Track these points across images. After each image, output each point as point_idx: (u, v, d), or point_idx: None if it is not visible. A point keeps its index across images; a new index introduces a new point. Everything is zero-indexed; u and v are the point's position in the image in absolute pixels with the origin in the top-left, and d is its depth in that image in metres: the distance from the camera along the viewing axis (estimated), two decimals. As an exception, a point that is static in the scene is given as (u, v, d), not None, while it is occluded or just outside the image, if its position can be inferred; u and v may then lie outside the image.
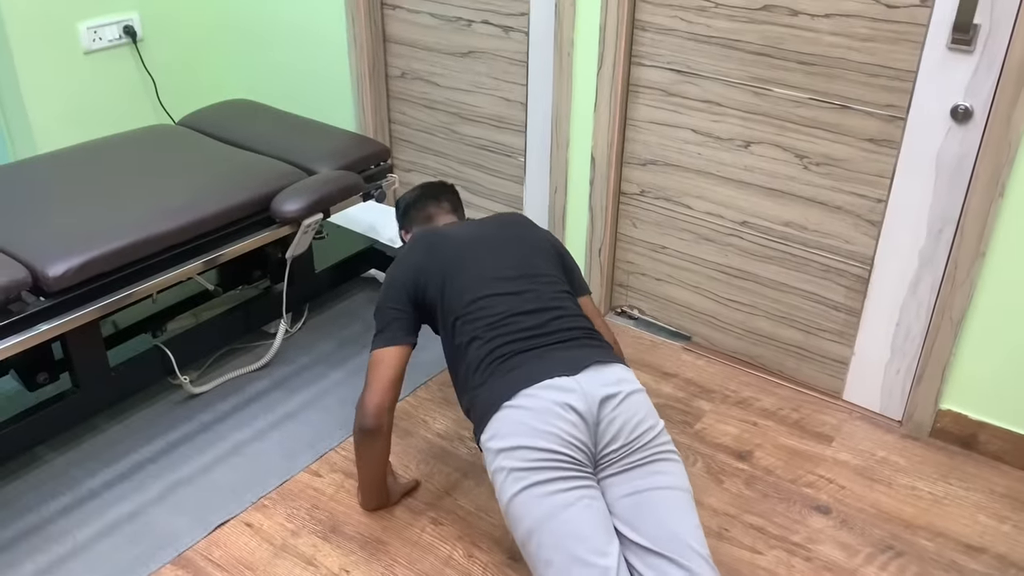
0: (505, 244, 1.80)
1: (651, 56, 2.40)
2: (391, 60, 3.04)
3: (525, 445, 1.54)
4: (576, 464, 1.55)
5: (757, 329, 2.52)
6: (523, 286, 1.72)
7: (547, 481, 1.52)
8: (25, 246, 1.94)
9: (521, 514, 1.53)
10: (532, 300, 1.69)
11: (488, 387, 1.63)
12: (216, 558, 1.91)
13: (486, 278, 1.73)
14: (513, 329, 1.65)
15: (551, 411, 1.55)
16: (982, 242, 2.01)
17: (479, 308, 1.69)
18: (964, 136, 1.98)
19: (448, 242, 1.80)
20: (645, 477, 1.56)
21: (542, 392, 1.57)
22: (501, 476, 1.57)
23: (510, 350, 1.64)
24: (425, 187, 2.10)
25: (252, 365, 2.49)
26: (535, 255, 1.80)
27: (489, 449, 1.61)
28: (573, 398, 1.57)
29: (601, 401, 1.58)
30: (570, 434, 1.54)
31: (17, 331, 1.85)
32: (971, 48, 1.91)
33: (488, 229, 1.84)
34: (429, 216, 2.03)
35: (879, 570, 1.90)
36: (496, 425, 1.59)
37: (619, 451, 1.58)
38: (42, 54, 2.90)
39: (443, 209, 2.05)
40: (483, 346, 1.66)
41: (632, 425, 1.59)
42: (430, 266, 1.78)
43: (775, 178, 2.31)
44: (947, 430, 2.25)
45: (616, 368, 1.65)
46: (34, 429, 2.02)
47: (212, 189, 2.21)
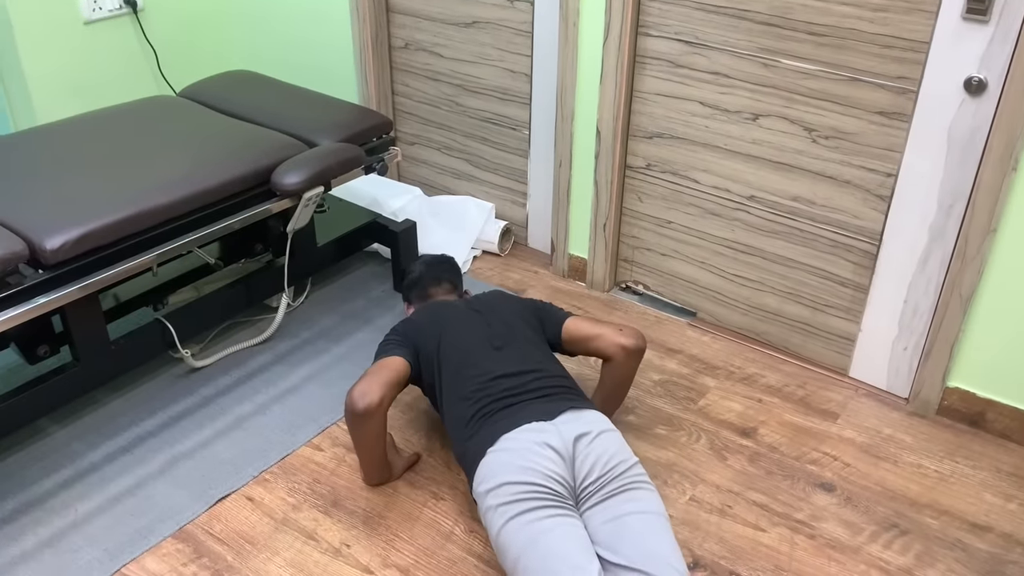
0: (491, 317, 2.02)
1: (658, 26, 2.36)
2: (394, 31, 3.00)
3: (508, 481, 1.66)
4: (556, 495, 1.65)
5: (763, 305, 2.49)
6: (507, 353, 1.91)
7: (529, 511, 1.62)
8: (23, 218, 1.92)
9: (508, 543, 1.63)
10: (514, 363, 1.88)
11: (476, 438, 1.78)
12: (217, 532, 1.90)
13: (476, 345, 1.93)
14: (498, 389, 1.83)
15: (530, 450, 1.69)
16: (993, 217, 1.97)
17: (469, 370, 1.88)
18: (977, 109, 1.94)
19: (445, 313, 2.04)
20: (622, 504, 1.66)
21: (521, 435, 1.72)
22: (490, 514, 1.68)
23: (495, 407, 1.80)
24: (429, 267, 2.29)
25: (254, 339, 2.48)
26: (516, 323, 2.01)
27: (479, 494, 1.72)
28: (549, 437, 1.71)
29: (575, 439, 1.72)
30: (549, 469, 1.67)
31: (15, 304, 1.84)
32: (986, 18, 1.86)
33: (477, 305, 2.07)
34: (430, 296, 2.24)
35: (883, 548, 1.89)
36: (483, 470, 1.72)
37: (596, 483, 1.69)
38: (41, 24, 2.87)
39: (443, 290, 2.26)
40: (471, 405, 1.83)
41: (606, 458, 1.71)
42: (430, 326, 2.00)
43: (783, 152, 2.27)
44: (954, 408, 2.22)
45: (590, 412, 1.80)
46: (35, 402, 2.01)
47: (212, 161, 2.19)
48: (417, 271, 2.29)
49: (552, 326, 2.07)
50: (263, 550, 1.86)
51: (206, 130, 2.35)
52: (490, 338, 1.95)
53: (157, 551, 1.86)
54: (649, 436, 2.18)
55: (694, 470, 2.08)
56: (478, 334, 1.96)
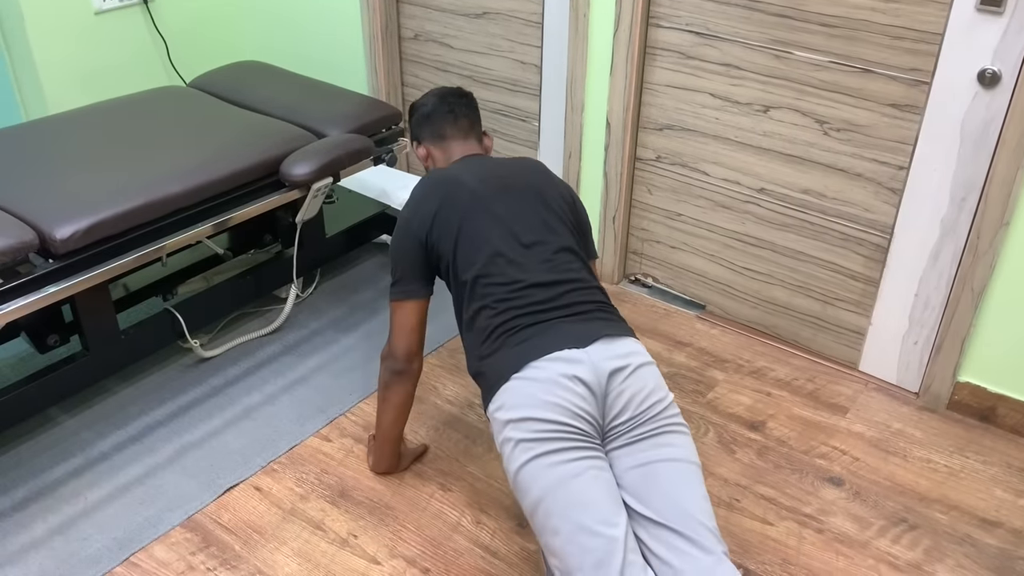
0: (522, 202, 1.73)
1: (669, 17, 2.34)
2: (404, 21, 2.99)
3: (533, 416, 1.53)
4: (584, 436, 1.54)
5: (773, 298, 2.48)
6: (538, 254, 1.68)
7: (555, 451, 1.51)
8: (33, 208, 1.93)
9: (528, 484, 1.52)
10: (546, 271, 1.66)
11: (497, 357, 1.61)
12: (225, 521, 1.91)
13: (501, 241, 1.68)
14: (526, 301, 1.63)
15: (559, 383, 1.54)
16: (1007, 211, 1.95)
17: (492, 275, 1.66)
18: (991, 101, 1.92)
19: (464, 193, 1.73)
20: (653, 449, 1.55)
21: (550, 364, 1.56)
22: (509, 447, 1.56)
23: (521, 322, 1.62)
24: (442, 98, 1.93)
25: (263, 329, 2.48)
26: (552, 217, 1.74)
27: (497, 420, 1.59)
28: (581, 370, 1.55)
29: (610, 374, 1.57)
30: (578, 406, 1.53)
31: (25, 293, 1.85)
32: (1001, 10, 1.84)
33: (506, 180, 1.76)
34: (443, 135, 1.91)
35: (891, 543, 1.88)
36: (504, 396, 1.58)
37: (627, 423, 1.57)
38: (52, 14, 2.87)
39: (459, 130, 1.91)
40: (494, 316, 1.64)
41: (641, 398, 1.57)
42: (444, 220, 1.72)
43: (794, 144, 2.26)
44: (965, 403, 2.21)
45: (626, 341, 1.63)
46: (45, 391, 2.02)
47: (221, 152, 2.19)
48: (429, 104, 1.94)
49: (586, 252, 1.83)
50: (271, 540, 1.87)
51: (215, 120, 2.36)
52: (520, 230, 1.69)
53: (166, 540, 1.87)
54: (657, 429, 2.18)
55: (702, 463, 2.07)
56: (506, 223, 1.70)
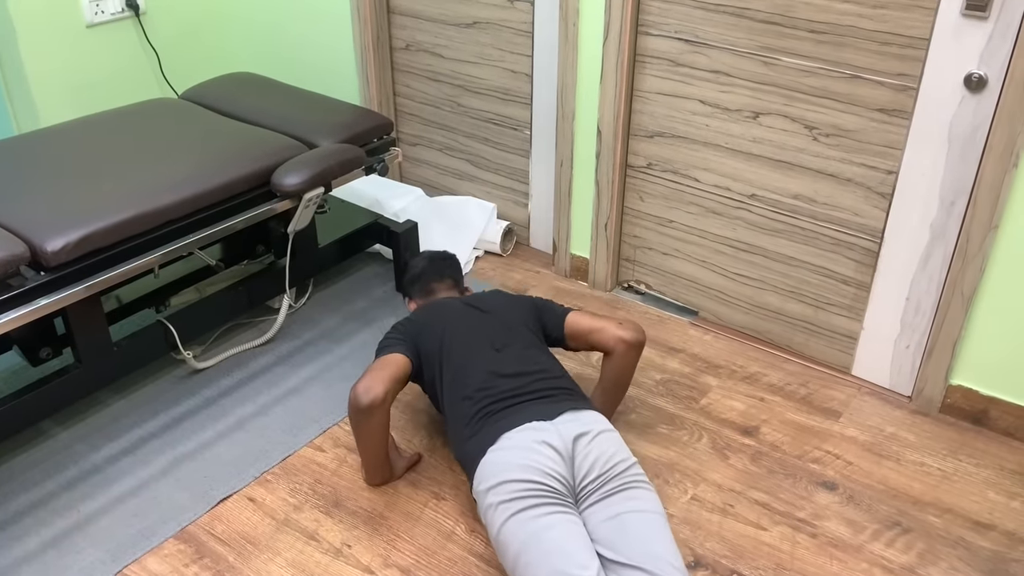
0: (493, 319, 2.02)
1: (658, 25, 2.36)
2: (395, 32, 3.00)
3: (509, 479, 1.67)
4: (556, 493, 1.66)
5: (765, 304, 2.49)
6: (508, 354, 1.92)
7: (530, 508, 1.63)
8: (24, 220, 1.93)
9: (508, 541, 1.63)
10: (515, 364, 1.89)
11: (476, 438, 1.79)
12: (218, 532, 1.91)
13: (478, 346, 1.93)
14: (499, 390, 1.83)
15: (530, 448, 1.70)
16: (995, 214, 1.96)
17: (471, 372, 1.88)
18: (978, 105, 1.93)
19: (446, 312, 2.04)
20: (622, 502, 1.67)
21: (521, 434, 1.73)
22: (491, 512, 1.68)
23: (496, 407, 1.81)
24: (431, 263, 2.27)
25: (256, 340, 2.48)
26: (518, 326, 2.02)
27: (479, 493, 1.73)
28: (549, 436, 1.72)
29: (575, 438, 1.73)
30: (549, 467, 1.68)
31: (17, 306, 1.84)
32: (986, 14, 1.85)
33: (478, 305, 2.07)
34: (431, 292, 2.23)
35: (885, 546, 1.88)
36: (483, 469, 1.73)
37: (596, 481, 1.70)
38: (44, 27, 2.88)
39: (445, 286, 2.24)
40: (472, 405, 1.84)
41: (605, 458, 1.72)
42: (431, 325, 2.00)
43: (784, 150, 2.27)
44: (957, 406, 2.22)
45: (589, 413, 1.81)
46: (38, 404, 2.01)
47: (213, 163, 2.19)
48: (419, 267, 2.28)
49: (554, 322, 2.08)
50: (264, 551, 1.87)
51: (207, 132, 2.36)
52: (491, 339, 1.96)
53: (159, 552, 1.86)
54: (651, 435, 2.18)
55: (696, 469, 2.08)
56: (479, 334, 1.97)
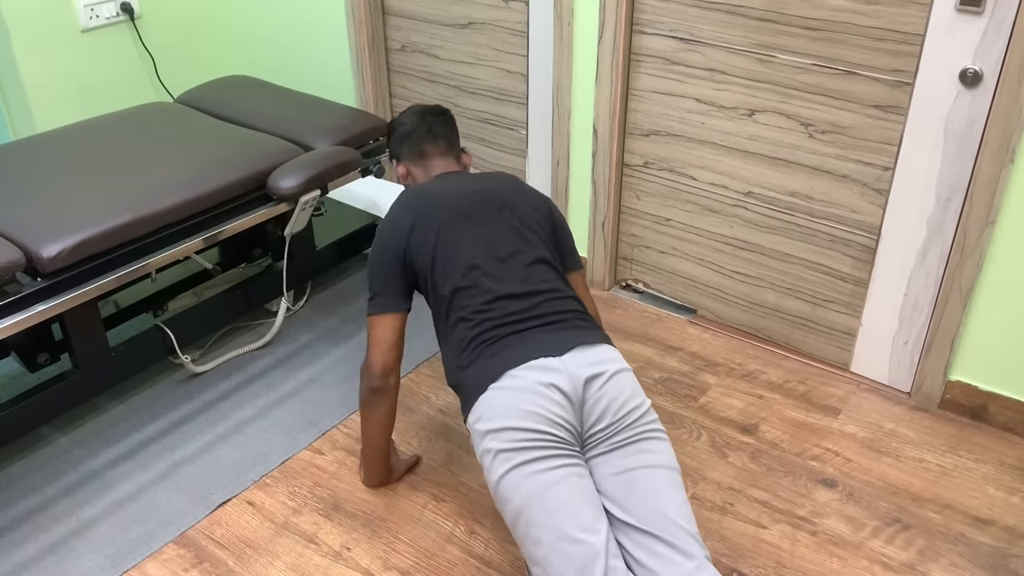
0: (498, 216, 1.76)
1: (653, 24, 2.35)
2: (390, 33, 3.00)
3: (511, 426, 1.54)
4: (563, 443, 1.55)
5: (763, 301, 2.48)
6: (513, 266, 1.70)
7: (534, 460, 1.52)
8: (20, 226, 1.93)
9: (509, 494, 1.53)
10: (521, 282, 1.68)
11: (475, 368, 1.63)
12: (218, 536, 1.91)
13: (477, 255, 1.71)
14: (501, 312, 1.65)
15: (536, 391, 1.55)
16: (992, 210, 1.96)
17: (468, 287, 1.69)
18: (973, 101, 1.93)
19: (441, 208, 1.76)
20: (632, 456, 1.56)
21: (527, 373, 1.57)
22: (489, 458, 1.57)
23: (497, 333, 1.64)
24: (421, 117, 1.96)
25: (254, 343, 2.48)
26: (528, 230, 1.77)
27: (476, 431, 1.60)
28: (558, 378, 1.57)
29: (586, 381, 1.58)
30: (556, 414, 1.54)
31: (13, 312, 1.84)
32: (980, 9, 1.85)
33: (482, 195, 1.78)
34: (423, 153, 1.94)
35: (885, 543, 1.88)
36: (482, 407, 1.59)
37: (605, 430, 1.58)
38: (39, 32, 2.88)
39: (438, 147, 1.94)
40: (472, 328, 1.66)
41: (618, 404, 1.59)
42: (421, 234, 1.75)
43: (780, 147, 2.27)
44: (956, 401, 2.21)
45: (602, 348, 1.64)
46: (36, 410, 2.01)
47: (209, 167, 2.19)
48: (408, 123, 1.96)
49: (565, 258, 1.87)
50: (264, 554, 1.86)
51: (203, 136, 2.36)
52: (494, 243, 1.72)
53: (159, 557, 1.86)
54: (650, 434, 2.18)
55: (695, 467, 2.08)
56: (481, 237, 1.72)
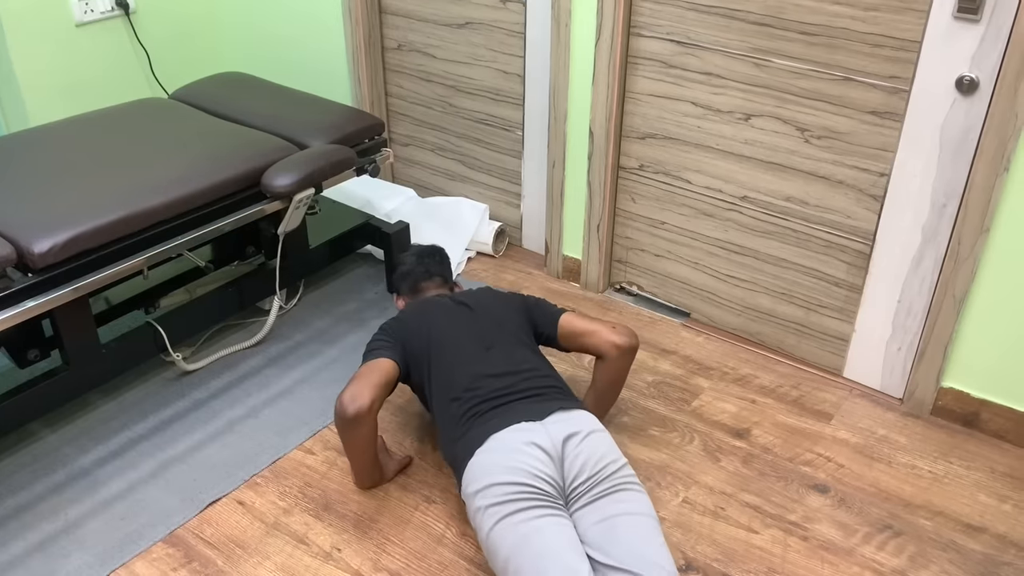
0: (483, 317, 2.00)
1: (650, 27, 2.35)
2: (387, 32, 2.99)
3: (497, 482, 1.65)
4: (545, 495, 1.65)
5: (757, 305, 2.48)
6: (498, 353, 1.90)
7: (518, 511, 1.62)
8: (11, 222, 1.91)
9: (498, 544, 1.61)
10: (504, 364, 1.88)
11: (465, 439, 1.77)
12: (208, 536, 1.90)
13: (466, 345, 1.92)
14: (487, 389, 1.82)
15: (518, 449, 1.68)
16: (986, 217, 1.96)
17: (460, 372, 1.87)
18: (969, 108, 1.93)
19: (435, 311, 2.02)
20: (612, 505, 1.66)
21: (510, 435, 1.71)
22: (479, 516, 1.67)
23: (484, 407, 1.79)
24: (420, 260, 2.24)
25: (246, 342, 2.47)
26: (509, 323, 2.00)
27: (468, 495, 1.71)
28: (538, 437, 1.70)
29: (565, 439, 1.71)
30: (538, 469, 1.66)
31: (4, 308, 1.83)
32: (977, 17, 1.85)
33: (467, 303, 2.04)
34: (420, 289, 2.21)
35: (877, 549, 1.88)
36: (472, 471, 1.71)
37: (585, 483, 1.68)
38: (33, 26, 2.86)
39: (434, 283, 2.22)
40: (461, 405, 1.82)
41: (596, 458, 1.70)
42: (418, 327, 1.98)
43: (776, 152, 2.27)
44: (948, 408, 2.22)
45: (579, 413, 1.79)
46: (25, 406, 2.00)
47: (203, 163, 2.18)
48: (408, 264, 2.25)
49: (547, 320, 2.07)
50: (254, 554, 1.85)
51: (197, 132, 2.35)
52: (480, 337, 1.94)
53: (147, 556, 1.85)
54: (642, 437, 2.17)
55: (687, 471, 2.07)
56: (468, 333, 1.95)
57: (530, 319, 2.07)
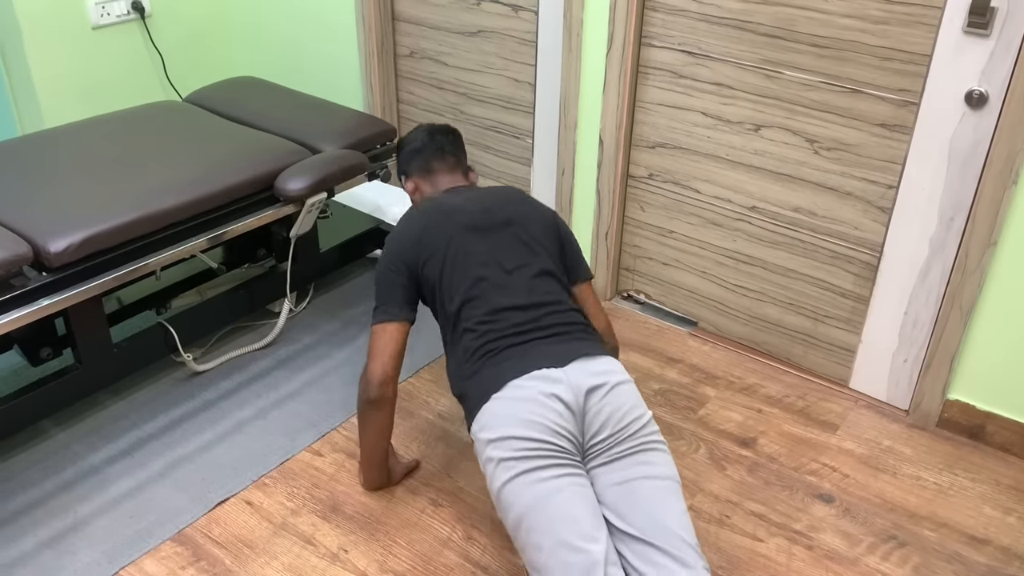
0: (505, 229, 1.80)
1: (661, 37, 2.37)
2: (399, 39, 3.02)
3: (514, 435, 1.56)
4: (564, 453, 1.57)
5: (764, 315, 2.49)
6: (520, 279, 1.74)
7: (536, 469, 1.54)
8: (28, 221, 1.94)
9: (511, 501, 1.55)
10: (526, 294, 1.72)
11: (478, 378, 1.66)
12: (216, 535, 1.91)
13: (484, 266, 1.75)
14: (506, 323, 1.68)
15: (538, 401, 1.58)
16: (994, 231, 1.97)
17: (475, 299, 1.72)
18: (978, 122, 1.95)
19: (450, 219, 1.80)
20: (633, 467, 1.57)
21: (529, 383, 1.60)
22: (491, 466, 1.59)
23: (501, 344, 1.67)
24: (430, 135, 2.02)
25: (256, 344, 2.49)
26: (534, 243, 1.81)
27: (479, 439, 1.63)
28: (560, 388, 1.59)
29: (588, 392, 1.61)
30: (557, 423, 1.57)
31: (18, 306, 1.85)
32: (987, 32, 1.87)
33: (489, 209, 1.82)
34: (431, 170, 1.99)
35: (881, 560, 1.88)
36: (485, 416, 1.62)
37: (606, 441, 1.60)
38: (50, 29, 2.89)
39: (446, 164, 2.00)
40: (476, 338, 1.69)
41: (619, 415, 1.61)
42: (431, 244, 1.79)
43: (785, 163, 2.28)
44: (954, 420, 2.22)
45: (604, 360, 1.67)
46: (37, 404, 2.02)
47: (216, 166, 2.20)
48: (418, 140, 2.02)
49: (573, 269, 1.90)
50: (261, 554, 1.87)
51: (211, 135, 2.37)
52: (501, 258, 1.76)
53: (156, 554, 1.86)
54: (648, 445, 2.18)
55: (693, 479, 2.08)
56: (488, 251, 1.76)
57: (561, 248, 1.87)
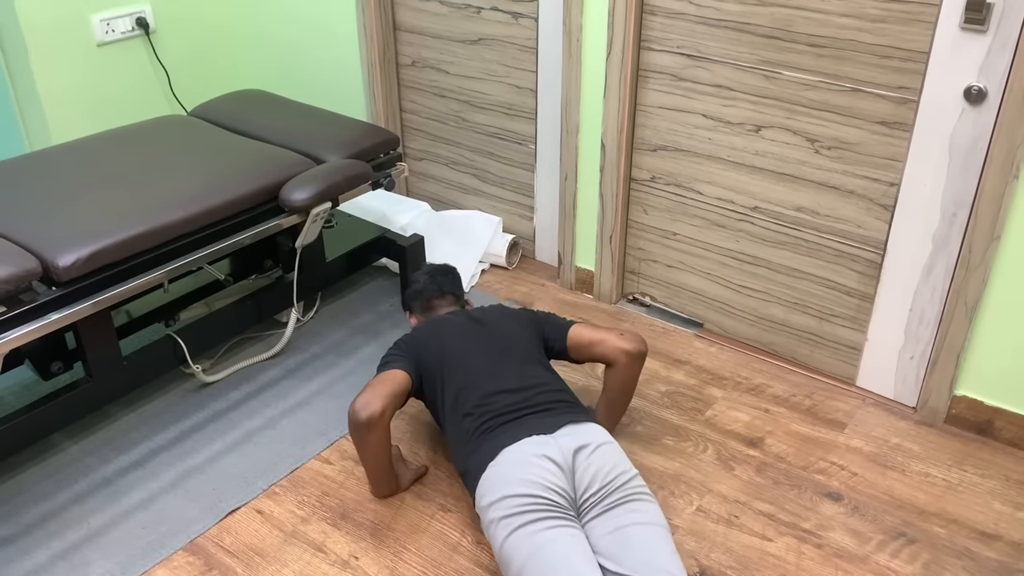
0: (493, 332, 2.04)
1: (660, 40, 2.38)
2: (401, 48, 3.04)
3: (510, 494, 1.68)
4: (558, 507, 1.68)
5: (769, 315, 2.50)
6: (508, 367, 1.94)
7: (531, 522, 1.65)
8: (36, 236, 1.96)
9: (511, 555, 1.64)
10: (515, 379, 1.91)
11: (478, 454, 1.81)
12: (227, 544, 1.92)
13: (478, 361, 1.95)
14: (500, 404, 1.85)
15: (530, 462, 1.72)
16: (997, 225, 1.98)
17: (471, 387, 1.91)
18: (978, 117, 1.95)
19: (448, 324, 2.07)
20: (624, 514, 1.68)
21: (521, 448, 1.75)
22: (493, 527, 1.70)
23: (497, 421, 1.83)
24: (432, 278, 2.27)
25: (264, 354, 2.50)
26: (517, 338, 2.03)
27: (482, 508, 1.75)
28: (549, 450, 1.73)
29: (575, 451, 1.75)
30: (549, 480, 1.69)
31: (28, 320, 1.87)
32: (984, 27, 1.87)
33: (478, 320, 2.08)
34: (432, 307, 2.25)
35: (891, 557, 1.88)
36: (484, 484, 1.75)
37: (598, 494, 1.71)
38: (56, 46, 2.92)
39: (445, 301, 2.25)
40: (474, 420, 1.86)
41: (606, 470, 1.73)
42: (432, 341, 2.02)
43: (786, 163, 2.29)
44: (962, 416, 2.22)
45: (589, 426, 1.82)
46: (49, 418, 2.04)
47: (222, 179, 2.22)
48: (420, 282, 2.28)
49: (556, 333, 2.09)
50: (272, 562, 1.88)
51: (216, 148, 2.39)
52: (491, 353, 1.97)
53: (168, 564, 1.88)
54: (656, 446, 2.19)
55: (701, 480, 2.09)
56: (479, 349, 1.98)
57: (540, 334, 2.10)
